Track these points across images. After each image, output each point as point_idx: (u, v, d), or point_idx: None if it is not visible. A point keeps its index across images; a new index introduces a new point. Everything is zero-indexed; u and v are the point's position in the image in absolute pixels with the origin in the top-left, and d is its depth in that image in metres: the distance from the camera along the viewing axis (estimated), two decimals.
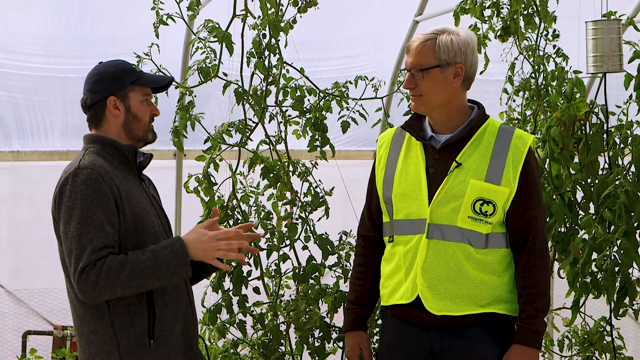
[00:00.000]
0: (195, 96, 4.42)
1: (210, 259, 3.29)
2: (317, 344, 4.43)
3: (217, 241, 3.28)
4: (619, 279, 4.41)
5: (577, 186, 4.56)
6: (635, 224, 4.39)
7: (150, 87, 3.47)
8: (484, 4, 4.98)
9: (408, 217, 3.55)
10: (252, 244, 4.45)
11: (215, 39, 4.29)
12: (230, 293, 4.46)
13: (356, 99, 4.60)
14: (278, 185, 4.48)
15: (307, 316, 4.39)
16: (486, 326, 3.52)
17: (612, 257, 4.39)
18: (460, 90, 3.57)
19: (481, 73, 5.19)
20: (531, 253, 3.52)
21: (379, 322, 4.41)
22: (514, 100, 5.52)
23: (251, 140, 4.50)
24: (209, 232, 3.30)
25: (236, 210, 4.47)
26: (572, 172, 4.56)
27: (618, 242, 4.39)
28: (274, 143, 4.53)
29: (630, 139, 4.53)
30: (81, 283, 3.19)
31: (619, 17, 4.72)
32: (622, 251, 4.37)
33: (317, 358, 4.44)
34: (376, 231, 3.73)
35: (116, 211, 3.27)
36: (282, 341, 4.43)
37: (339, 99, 4.57)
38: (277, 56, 4.44)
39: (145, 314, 3.30)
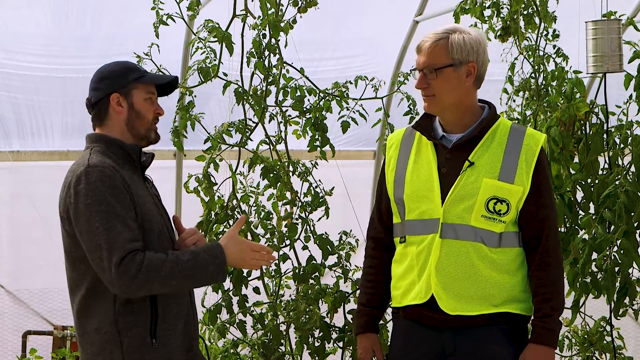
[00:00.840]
0: (195, 96, 4.42)
1: (244, 267, 3.49)
2: (317, 344, 4.43)
3: (253, 252, 3.41)
4: (619, 279, 4.42)
5: (577, 186, 4.56)
6: (635, 224, 4.39)
7: (155, 86, 3.48)
8: (484, 4, 4.99)
9: (421, 217, 3.54)
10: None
11: (215, 39, 4.30)
12: (230, 293, 4.47)
13: (356, 99, 4.60)
14: (278, 185, 4.48)
15: (307, 316, 4.39)
16: (500, 326, 3.51)
17: (612, 257, 4.40)
18: (472, 90, 3.56)
19: None
20: (545, 252, 3.52)
21: (379, 322, 4.41)
22: (514, 100, 5.52)
23: (251, 140, 4.50)
24: (247, 242, 3.44)
25: (236, 210, 4.47)
26: (572, 172, 4.56)
27: (618, 242, 4.39)
28: (274, 143, 4.53)
29: (630, 139, 4.54)
30: (119, 275, 3.18)
31: (619, 17, 4.72)
32: (622, 251, 4.37)
33: (317, 358, 4.45)
34: (386, 232, 3.72)
35: (132, 207, 3.29)
36: (282, 341, 4.44)
37: (339, 99, 4.57)
38: (277, 56, 4.44)
39: (148, 313, 3.30)
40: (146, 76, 3.45)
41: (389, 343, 3.78)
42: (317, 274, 4.54)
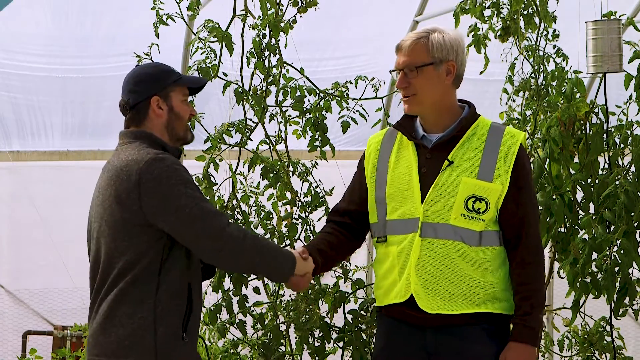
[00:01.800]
0: (195, 96, 4.41)
1: (300, 284, 3.60)
2: (317, 344, 4.43)
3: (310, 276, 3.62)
4: (619, 279, 4.42)
5: (577, 186, 4.56)
6: (635, 224, 4.39)
7: (187, 88, 3.55)
8: (484, 4, 4.98)
9: (402, 217, 3.56)
10: None
11: (215, 39, 4.30)
12: (230, 293, 4.46)
13: (356, 99, 4.60)
14: (278, 185, 4.48)
15: (307, 316, 4.39)
16: (481, 325, 3.53)
17: (612, 257, 4.39)
18: (451, 89, 3.60)
19: (481, 73, 5.20)
20: (525, 249, 3.54)
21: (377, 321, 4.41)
22: (514, 100, 5.50)
23: (251, 140, 4.50)
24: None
25: (236, 210, 4.47)
26: (572, 172, 4.56)
27: (618, 242, 4.39)
28: (274, 143, 4.53)
29: (630, 139, 4.54)
30: (231, 237, 3.33)
31: (619, 17, 4.73)
32: (622, 251, 4.37)
33: (317, 358, 4.45)
34: (350, 220, 3.74)
35: None
36: (282, 341, 4.44)
37: (339, 99, 4.57)
38: (277, 56, 4.44)
39: (183, 308, 3.36)
40: (183, 78, 3.53)
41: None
42: None
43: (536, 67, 4.99)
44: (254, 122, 4.47)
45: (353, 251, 3.85)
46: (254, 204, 4.56)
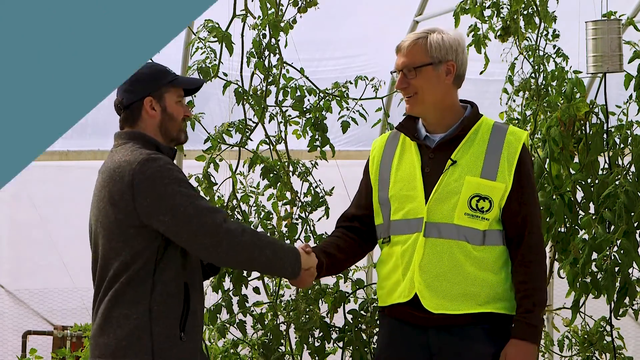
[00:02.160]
0: (195, 96, 4.41)
1: (304, 281, 3.58)
2: (317, 344, 4.43)
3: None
4: (619, 279, 4.41)
5: (577, 186, 4.56)
6: (635, 224, 4.39)
7: (183, 89, 3.54)
8: (484, 4, 4.98)
9: (405, 217, 3.57)
10: None
11: (215, 39, 4.30)
12: (230, 293, 4.46)
13: (356, 99, 4.60)
14: (278, 185, 4.48)
15: (307, 316, 4.39)
16: (484, 325, 3.53)
17: (612, 257, 4.39)
18: (452, 89, 3.60)
19: (481, 73, 5.20)
20: (527, 248, 3.54)
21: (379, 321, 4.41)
22: (514, 100, 5.51)
23: (251, 140, 4.50)
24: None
25: (236, 210, 4.48)
26: (572, 172, 4.56)
27: (618, 242, 4.39)
28: (274, 143, 4.53)
29: (630, 139, 4.53)
30: (228, 232, 3.31)
31: (619, 17, 4.73)
32: (622, 251, 4.37)
33: (317, 358, 4.45)
34: (360, 225, 3.74)
35: None
36: (282, 341, 4.44)
37: (339, 99, 4.58)
38: (277, 56, 4.44)
39: (180, 307, 3.35)
40: (178, 79, 3.51)
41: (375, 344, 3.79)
42: None
43: (536, 67, 4.99)
44: (254, 122, 4.47)
45: (364, 254, 3.84)
46: (254, 204, 4.56)
